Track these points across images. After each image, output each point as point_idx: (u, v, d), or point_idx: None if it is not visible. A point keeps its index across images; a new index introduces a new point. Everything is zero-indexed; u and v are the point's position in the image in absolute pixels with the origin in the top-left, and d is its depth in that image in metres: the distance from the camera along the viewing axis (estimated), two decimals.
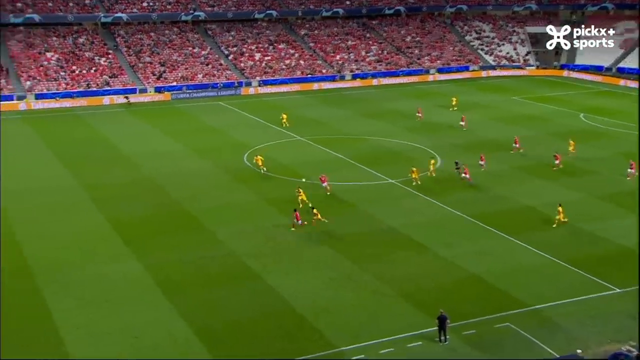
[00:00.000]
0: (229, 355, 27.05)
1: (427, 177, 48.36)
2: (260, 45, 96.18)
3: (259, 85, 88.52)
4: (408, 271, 34.30)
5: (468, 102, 76.02)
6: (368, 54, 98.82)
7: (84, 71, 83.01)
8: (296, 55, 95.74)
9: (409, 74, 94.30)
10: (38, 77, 79.92)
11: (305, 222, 38.12)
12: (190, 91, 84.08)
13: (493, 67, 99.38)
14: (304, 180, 46.31)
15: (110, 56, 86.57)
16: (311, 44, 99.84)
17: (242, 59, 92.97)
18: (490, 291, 31.96)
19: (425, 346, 27.38)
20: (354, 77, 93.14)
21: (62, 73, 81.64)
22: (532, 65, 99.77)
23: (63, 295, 31.32)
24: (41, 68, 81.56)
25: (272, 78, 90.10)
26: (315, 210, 38.92)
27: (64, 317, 29.30)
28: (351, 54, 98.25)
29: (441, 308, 28.03)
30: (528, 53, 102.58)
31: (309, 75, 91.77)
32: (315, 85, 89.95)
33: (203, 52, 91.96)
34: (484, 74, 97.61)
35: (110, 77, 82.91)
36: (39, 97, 76.97)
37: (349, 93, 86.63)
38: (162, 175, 49.48)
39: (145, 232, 39.14)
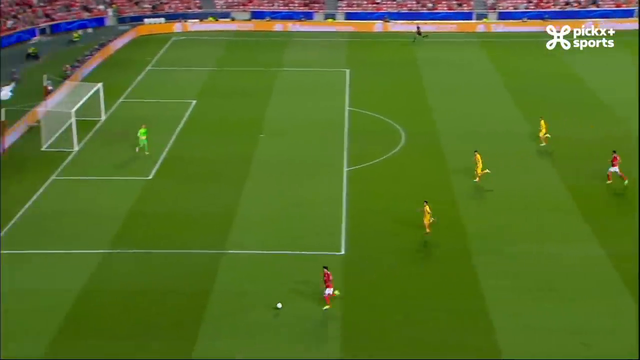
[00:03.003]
0: None
1: None
2: None
3: None
4: None
5: None
6: None
7: None
8: None
9: None
10: None
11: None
12: None
13: None
14: None
15: None
16: None
17: None
18: None
19: None
20: None
21: None
22: None
23: (497, 271, 32.86)
24: None
25: None
26: (428, 208, 35.15)
27: (496, 298, 30.71)
28: None
29: None
30: None
31: None
32: None
33: None
34: None
35: None
36: (502, 16, 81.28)
37: None
38: None
39: (614, 208, 38.58)
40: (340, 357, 27.28)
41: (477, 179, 41.00)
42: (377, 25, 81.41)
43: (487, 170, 40.92)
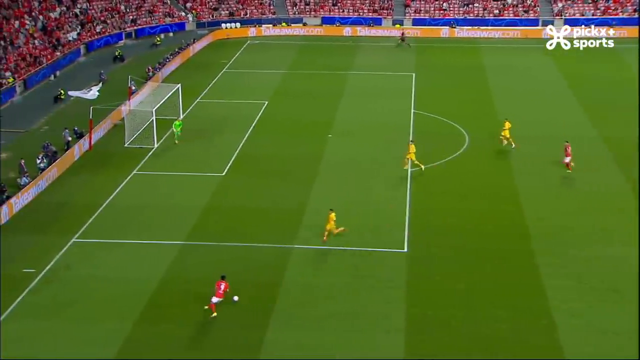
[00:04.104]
0: None
1: None
2: None
3: None
4: None
5: None
6: None
7: None
8: None
9: None
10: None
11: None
12: None
13: None
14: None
15: None
16: None
17: None
18: None
19: None
20: None
21: None
22: None
23: (560, 271, 32.27)
24: None
25: None
26: (333, 216, 34.27)
27: (559, 298, 30.14)
28: None
29: None
30: None
31: None
32: None
33: None
34: None
35: None
36: (567, 23, 79.36)
37: None
38: None
39: None
40: (404, 349, 27.17)
41: (406, 167, 42.42)
42: (444, 31, 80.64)
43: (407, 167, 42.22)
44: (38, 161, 42.56)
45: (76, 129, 48.09)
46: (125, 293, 30.88)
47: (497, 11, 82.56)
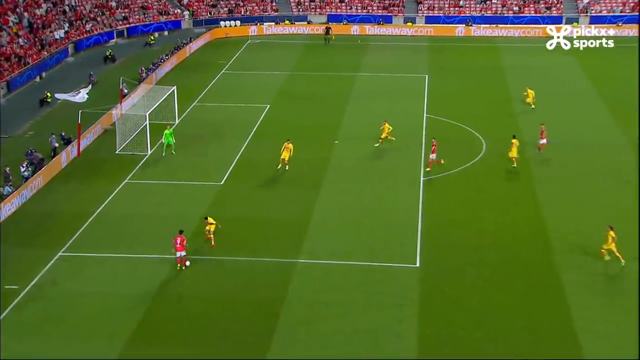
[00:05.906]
0: None
1: None
2: None
3: None
4: None
5: None
6: None
7: None
8: None
9: None
10: None
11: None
12: None
13: None
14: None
15: None
16: None
17: None
18: None
19: None
20: None
21: None
22: None
23: (585, 287, 32.23)
24: None
25: None
26: (210, 220, 35.70)
27: (585, 318, 30.05)
28: None
29: None
30: None
31: None
32: None
33: None
34: None
35: None
36: (593, 20, 79.52)
37: None
38: None
39: None
40: None
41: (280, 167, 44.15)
42: (459, 29, 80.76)
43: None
44: (22, 169, 42.66)
45: (63, 134, 48.23)
46: (115, 310, 30.86)
47: (516, 8, 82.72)
